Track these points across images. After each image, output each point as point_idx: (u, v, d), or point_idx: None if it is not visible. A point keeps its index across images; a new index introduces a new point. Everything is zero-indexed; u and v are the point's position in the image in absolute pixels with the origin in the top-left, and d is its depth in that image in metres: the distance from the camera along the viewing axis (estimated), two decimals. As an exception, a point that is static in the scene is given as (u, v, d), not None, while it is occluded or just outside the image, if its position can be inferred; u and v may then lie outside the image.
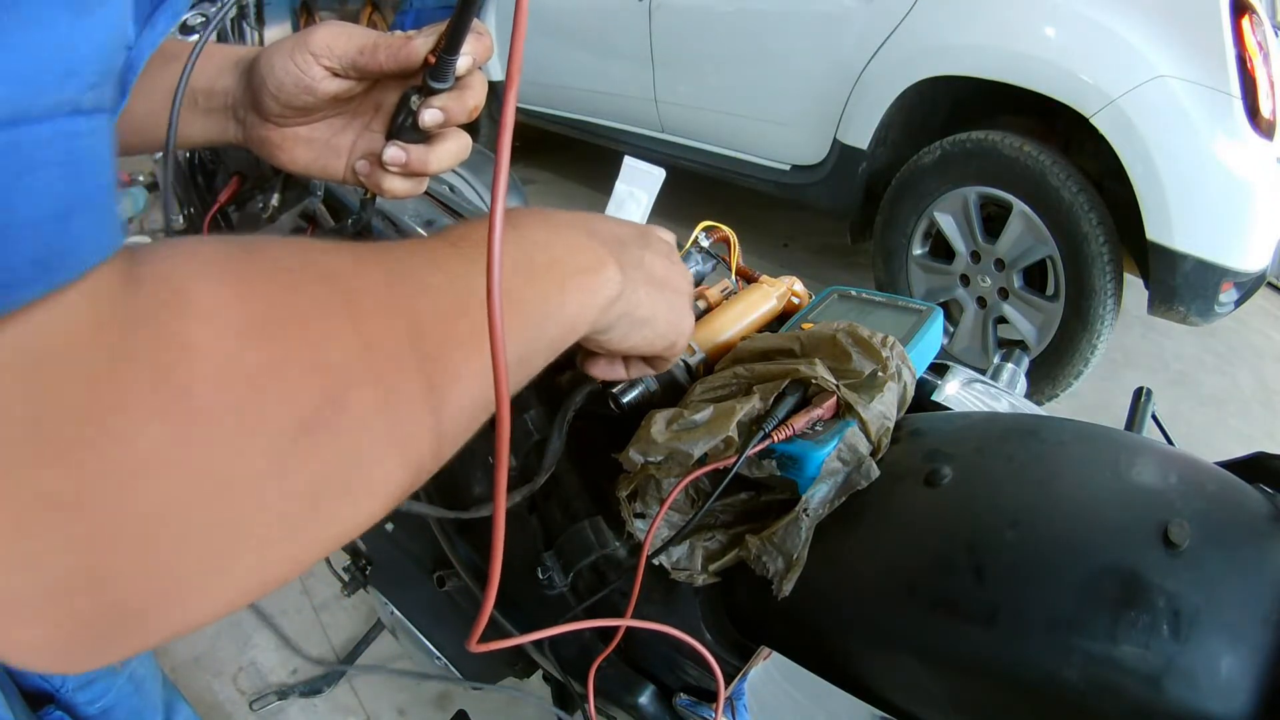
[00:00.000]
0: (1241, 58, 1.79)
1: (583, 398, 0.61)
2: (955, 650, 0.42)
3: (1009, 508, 0.44)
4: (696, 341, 0.61)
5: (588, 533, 0.60)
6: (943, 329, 0.66)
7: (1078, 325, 2.09)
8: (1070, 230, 2.02)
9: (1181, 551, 0.38)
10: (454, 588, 0.80)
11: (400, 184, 0.52)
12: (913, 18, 2.20)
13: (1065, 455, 0.47)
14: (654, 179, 0.62)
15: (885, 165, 2.44)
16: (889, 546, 0.48)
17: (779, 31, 2.52)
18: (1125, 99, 1.88)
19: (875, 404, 0.51)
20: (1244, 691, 0.35)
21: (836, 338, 0.54)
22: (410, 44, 0.48)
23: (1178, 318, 2.01)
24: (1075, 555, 0.40)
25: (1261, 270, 1.97)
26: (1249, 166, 1.83)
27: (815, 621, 0.49)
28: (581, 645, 0.63)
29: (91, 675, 0.84)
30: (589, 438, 0.63)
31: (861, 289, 0.70)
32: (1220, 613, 0.37)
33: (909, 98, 2.27)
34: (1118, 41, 1.90)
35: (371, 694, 1.49)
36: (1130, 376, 2.53)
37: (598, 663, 0.58)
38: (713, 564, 0.52)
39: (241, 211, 1.14)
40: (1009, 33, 2.07)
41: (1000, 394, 0.68)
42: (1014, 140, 2.08)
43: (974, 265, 2.28)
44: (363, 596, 1.08)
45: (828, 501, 0.49)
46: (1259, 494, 0.43)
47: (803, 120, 2.54)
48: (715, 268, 0.73)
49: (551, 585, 0.62)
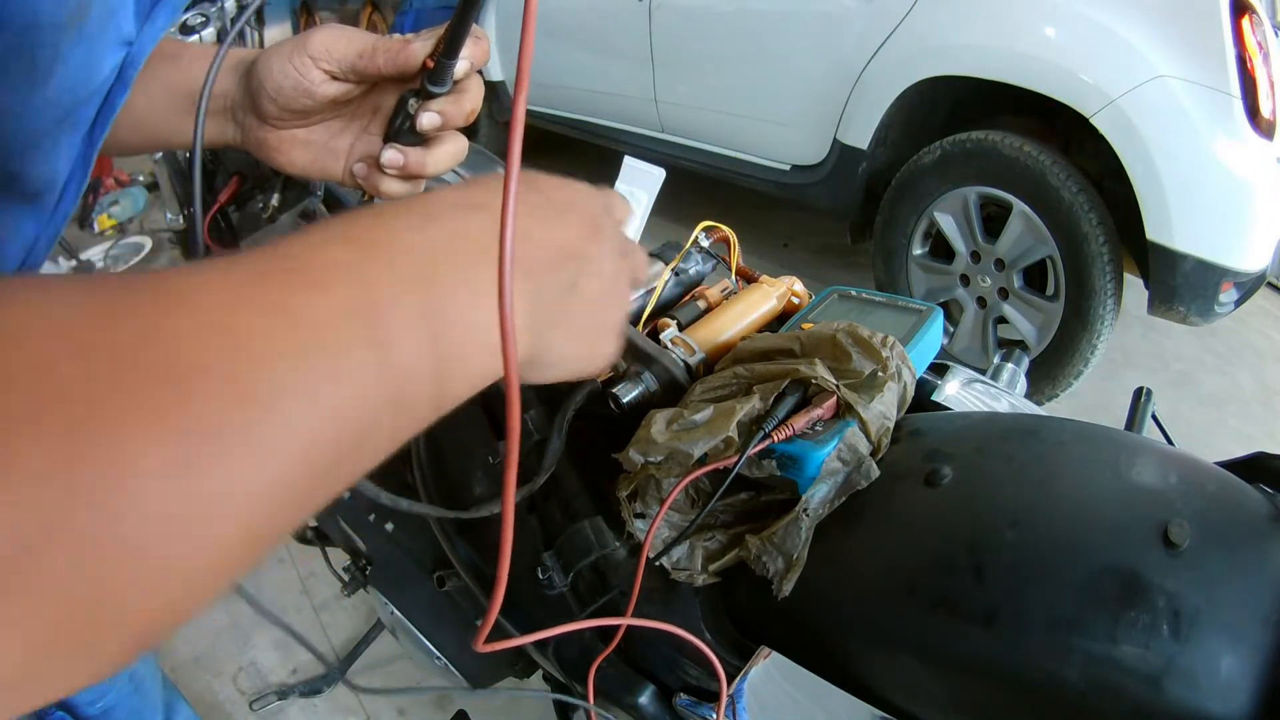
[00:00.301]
0: (1241, 58, 1.79)
1: (583, 398, 0.61)
2: (955, 650, 0.42)
3: (1009, 508, 0.44)
4: (696, 341, 0.61)
5: (588, 533, 0.60)
6: (943, 329, 0.66)
7: (1078, 325, 2.09)
8: (1070, 230, 2.02)
9: (1181, 551, 0.38)
10: (454, 588, 0.80)
11: (397, 186, 0.52)
12: (913, 18, 2.20)
13: (1065, 455, 0.47)
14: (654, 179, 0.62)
15: (885, 165, 2.44)
16: (889, 546, 0.48)
17: (779, 31, 2.52)
18: (1125, 99, 1.88)
19: (875, 404, 0.51)
20: (1244, 691, 0.35)
21: (836, 338, 0.54)
22: (408, 48, 0.48)
23: (1178, 318, 2.01)
24: (1075, 555, 0.40)
25: (1261, 270, 1.97)
26: (1249, 166, 1.83)
27: (815, 621, 0.49)
28: (582, 645, 0.63)
29: None
30: (589, 438, 0.63)
31: (861, 289, 0.70)
32: (1220, 613, 0.37)
33: (909, 98, 2.27)
34: (1118, 41, 1.90)
35: (371, 694, 1.49)
36: (1130, 376, 2.53)
37: (598, 662, 0.58)
38: (713, 564, 0.52)
39: (241, 211, 1.14)
40: (1009, 33, 2.07)
41: (1000, 394, 0.68)
42: (1014, 140, 2.08)
43: (974, 265, 2.28)
44: (363, 596, 1.08)
45: (828, 501, 0.49)
46: (1259, 494, 0.43)
47: (803, 120, 2.54)
48: (715, 268, 0.73)
49: (551, 585, 0.62)
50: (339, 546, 1.06)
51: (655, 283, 0.68)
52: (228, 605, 1.63)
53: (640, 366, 0.58)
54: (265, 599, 1.65)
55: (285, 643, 1.59)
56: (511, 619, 0.69)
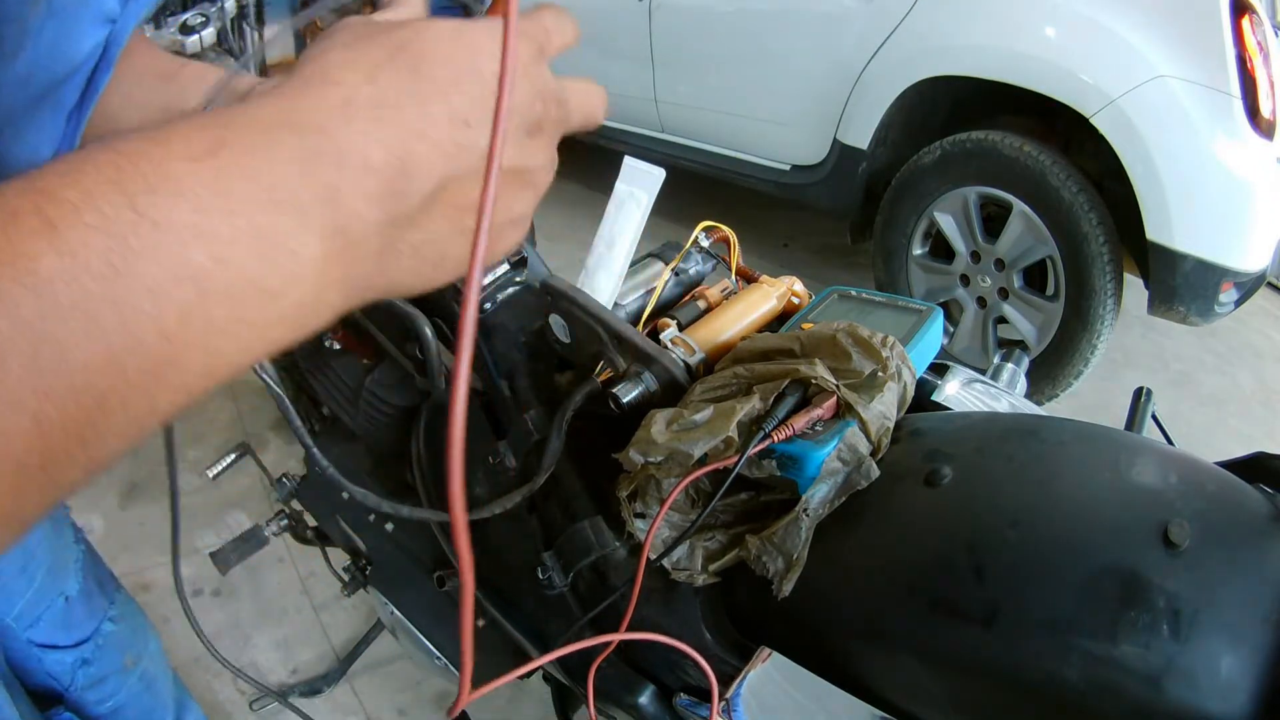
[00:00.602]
0: (1241, 58, 1.79)
1: (582, 398, 0.61)
2: (955, 650, 0.42)
3: (1009, 508, 0.44)
4: (696, 341, 0.61)
5: (588, 533, 0.60)
6: (943, 329, 0.66)
7: (1078, 325, 2.09)
8: (1070, 230, 2.02)
9: (1181, 551, 0.38)
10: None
11: None
12: (913, 18, 2.20)
13: (1065, 455, 0.47)
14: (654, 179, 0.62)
15: (885, 165, 2.44)
16: (889, 546, 0.48)
17: (779, 31, 2.52)
18: (1125, 99, 1.88)
19: (875, 404, 0.51)
20: (1244, 691, 0.35)
21: (836, 338, 0.54)
22: None
23: (1178, 318, 2.01)
24: (1075, 555, 0.40)
25: (1261, 270, 1.97)
26: (1249, 166, 1.83)
27: (815, 621, 0.49)
28: (581, 645, 0.63)
29: (101, 673, 0.84)
30: (589, 438, 0.63)
31: (861, 289, 0.70)
32: (1220, 613, 0.37)
33: (909, 98, 2.27)
34: (1118, 41, 1.90)
35: (371, 694, 1.49)
36: (1130, 376, 2.53)
37: (597, 663, 0.58)
38: (713, 564, 0.52)
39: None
40: (1009, 33, 2.07)
41: (1000, 394, 0.68)
42: (1014, 140, 2.08)
43: (974, 265, 2.28)
44: (363, 596, 1.08)
45: (828, 501, 0.49)
46: (1259, 494, 0.43)
47: (803, 120, 2.54)
48: (715, 268, 0.73)
49: (551, 585, 0.62)
50: (339, 546, 1.06)
51: (655, 281, 0.68)
52: (228, 605, 1.63)
53: (640, 366, 0.58)
54: (265, 599, 1.65)
55: (285, 643, 1.59)
56: (512, 619, 0.69)
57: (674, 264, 0.70)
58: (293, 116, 0.24)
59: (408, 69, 0.26)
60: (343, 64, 0.26)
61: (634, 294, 0.68)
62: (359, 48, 0.27)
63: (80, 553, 0.84)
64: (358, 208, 0.25)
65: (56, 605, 0.78)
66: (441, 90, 0.27)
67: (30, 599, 0.75)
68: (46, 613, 0.77)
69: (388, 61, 0.26)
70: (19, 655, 0.78)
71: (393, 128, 0.26)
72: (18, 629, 0.76)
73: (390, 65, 0.26)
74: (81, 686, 0.82)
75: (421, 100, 0.26)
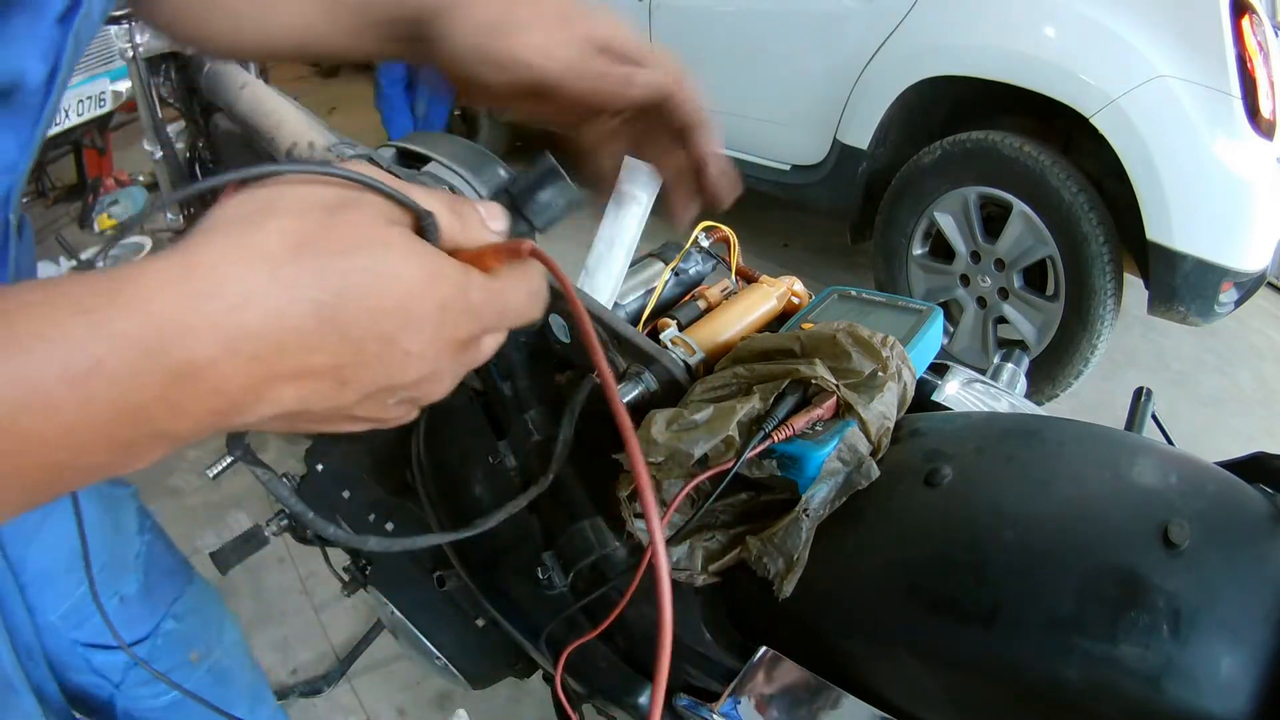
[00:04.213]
0: (1241, 58, 1.79)
1: (585, 397, 0.61)
2: (955, 650, 0.42)
3: (1009, 508, 0.44)
4: (696, 341, 0.61)
5: (588, 533, 0.60)
6: (943, 329, 0.66)
7: (1078, 325, 2.09)
8: (1070, 230, 2.02)
9: (1181, 551, 0.38)
10: (454, 588, 0.80)
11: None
12: (913, 18, 2.20)
13: (1065, 455, 0.47)
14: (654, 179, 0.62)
15: (885, 165, 2.44)
16: (889, 547, 0.48)
17: (779, 31, 2.52)
18: (1125, 99, 1.88)
19: (875, 404, 0.51)
20: (1244, 691, 0.35)
21: (836, 338, 0.54)
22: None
23: (1178, 318, 2.01)
24: (1075, 555, 0.40)
25: (1261, 270, 1.97)
26: (1249, 166, 1.83)
27: (816, 622, 0.49)
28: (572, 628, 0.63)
29: (159, 670, 0.75)
30: (589, 437, 0.63)
31: (861, 289, 0.70)
32: (1220, 613, 0.37)
33: (909, 98, 2.27)
34: (1118, 41, 1.90)
35: (371, 694, 1.49)
36: (1130, 376, 2.53)
37: (575, 645, 0.57)
38: (713, 564, 0.52)
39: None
40: (1009, 33, 2.07)
41: (1000, 394, 0.68)
42: (1014, 140, 2.08)
43: (974, 265, 2.28)
44: (363, 596, 1.08)
45: (828, 502, 0.49)
46: (1259, 494, 0.43)
47: (803, 120, 2.54)
48: (715, 268, 0.73)
49: (551, 585, 0.62)
50: (339, 546, 1.06)
51: (655, 281, 0.68)
52: (228, 605, 1.63)
53: (640, 366, 0.58)
54: (265, 599, 1.65)
55: (285, 643, 1.59)
56: (512, 619, 0.69)
57: (674, 264, 0.70)
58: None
59: (317, 275, 0.27)
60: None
61: (634, 294, 0.68)
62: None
63: (144, 545, 0.77)
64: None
65: (110, 606, 0.70)
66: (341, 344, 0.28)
67: (78, 599, 0.69)
68: (98, 613, 0.69)
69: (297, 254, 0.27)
70: (62, 654, 0.71)
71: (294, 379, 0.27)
72: (64, 629, 0.70)
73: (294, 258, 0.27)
74: (134, 684, 0.76)
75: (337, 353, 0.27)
